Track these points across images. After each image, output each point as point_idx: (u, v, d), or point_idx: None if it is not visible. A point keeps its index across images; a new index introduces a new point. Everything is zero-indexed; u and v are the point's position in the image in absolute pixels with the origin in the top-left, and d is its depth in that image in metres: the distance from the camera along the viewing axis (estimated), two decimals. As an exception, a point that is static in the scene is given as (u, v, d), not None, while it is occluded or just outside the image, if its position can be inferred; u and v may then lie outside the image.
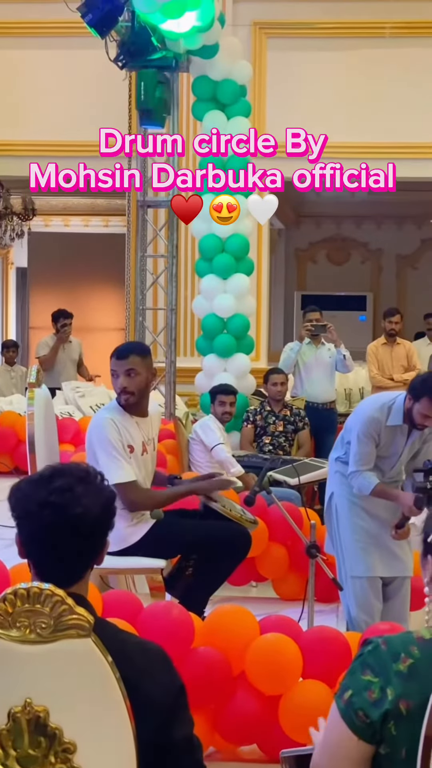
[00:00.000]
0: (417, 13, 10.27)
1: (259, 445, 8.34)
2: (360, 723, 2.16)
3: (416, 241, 17.04)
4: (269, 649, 3.96)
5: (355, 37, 10.45)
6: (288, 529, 5.67)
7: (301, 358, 9.15)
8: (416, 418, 4.95)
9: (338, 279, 17.08)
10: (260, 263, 10.68)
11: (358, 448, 5.08)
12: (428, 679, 2.11)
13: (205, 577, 5.25)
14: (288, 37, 10.55)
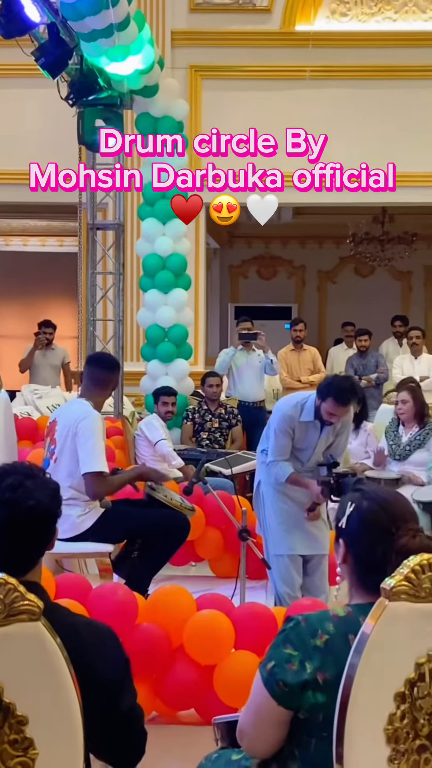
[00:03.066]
0: (334, 58, 10.32)
1: (198, 440, 8.33)
2: (280, 691, 2.17)
3: (335, 258, 17.12)
4: (205, 624, 3.95)
5: (280, 79, 10.47)
6: (222, 515, 5.68)
7: (235, 362, 9.17)
8: (324, 416, 4.98)
9: (267, 292, 17.12)
10: (197, 279, 10.66)
11: (276, 441, 5.10)
12: (342, 652, 2.11)
13: (148, 559, 5.24)
14: (221, 79, 10.53)
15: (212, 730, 2.68)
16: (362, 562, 2.28)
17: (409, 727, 2.11)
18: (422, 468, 7.01)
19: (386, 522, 2.25)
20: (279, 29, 10.43)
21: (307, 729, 2.19)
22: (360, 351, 10.98)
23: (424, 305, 17.29)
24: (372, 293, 16.69)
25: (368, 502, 2.30)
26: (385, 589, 2.08)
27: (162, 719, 4.10)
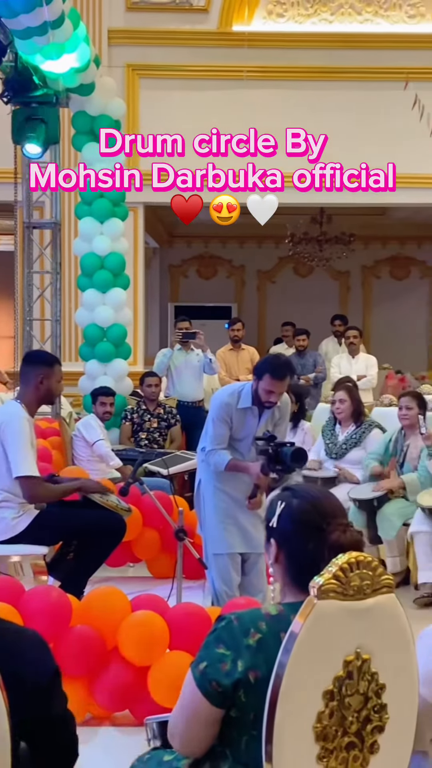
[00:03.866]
0: (271, 59, 10.36)
1: (136, 440, 8.30)
2: (212, 691, 2.16)
3: (274, 258, 17.19)
4: (139, 625, 3.92)
5: (218, 79, 10.48)
6: (159, 516, 5.66)
7: (173, 362, 9.15)
8: (263, 396, 4.96)
9: (207, 292, 17.13)
10: (136, 278, 10.62)
11: (213, 430, 5.07)
12: (274, 651, 2.11)
13: (84, 561, 5.20)
14: (158, 78, 10.51)
15: (145, 731, 2.67)
16: (294, 560, 2.29)
17: (337, 724, 2.12)
18: (358, 466, 7.07)
19: (317, 519, 2.27)
20: (216, 29, 10.44)
21: (238, 728, 2.19)
22: (298, 350, 11.04)
23: (361, 305, 17.44)
24: (311, 293, 16.80)
25: (298, 500, 2.32)
26: (314, 588, 2.09)
27: (96, 721, 4.07)
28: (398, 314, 17.21)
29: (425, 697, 2.45)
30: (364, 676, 2.14)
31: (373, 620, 2.15)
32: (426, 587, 6.19)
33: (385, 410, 7.79)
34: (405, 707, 2.24)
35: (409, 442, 6.87)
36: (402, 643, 2.22)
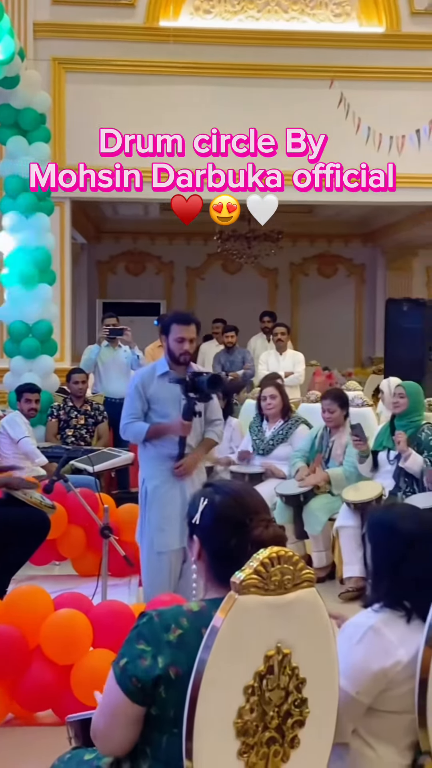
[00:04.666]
0: (197, 55, 10.34)
1: (63, 437, 8.23)
2: (133, 688, 2.15)
3: (203, 255, 17.20)
4: (62, 623, 3.88)
5: (145, 74, 10.42)
6: (85, 513, 5.60)
7: (101, 358, 9.08)
8: (176, 351, 4.91)
9: (135, 288, 17.07)
10: (63, 274, 10.51)
11: (128, 403, 5.02)
12: (195, 647, 2.09)
13: (7, 559, 5.13)
14: (85, 72, 10.41)
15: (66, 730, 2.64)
16: (217, 556, 2.28)
17: (258, 719, 2.11)
18: (285, 462, 7.09)
19: (240, 514, 2.27)
20: (143, 24, 10.38)
21: (158, 726, 2.17)
22: (227, 347, 11.05)
23: (289, 302, 17.55)
24: (239, 290, 16.84)
25: (221, 496, 2.32)
26: (235, 583, 2.08)
27: (19, 721, 4.02)
28: (326, 311, 17.36)
29: (346, 690, 2.46)
30: (285, 670, 2.14)
31: (294, 615, 2.15)
32: (351, 581, 6.24)
33: (311, 406, 7.83)
34: (325, 701, 2.24)
35: (334, 438, 6.91)
36: (323, 636, 2.23)
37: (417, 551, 2.62)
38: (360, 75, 10.36)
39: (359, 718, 2.57)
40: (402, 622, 2.58)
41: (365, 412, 7.52)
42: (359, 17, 10.75)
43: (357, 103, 9.44)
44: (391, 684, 2.55)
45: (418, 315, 11.58)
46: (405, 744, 2.61)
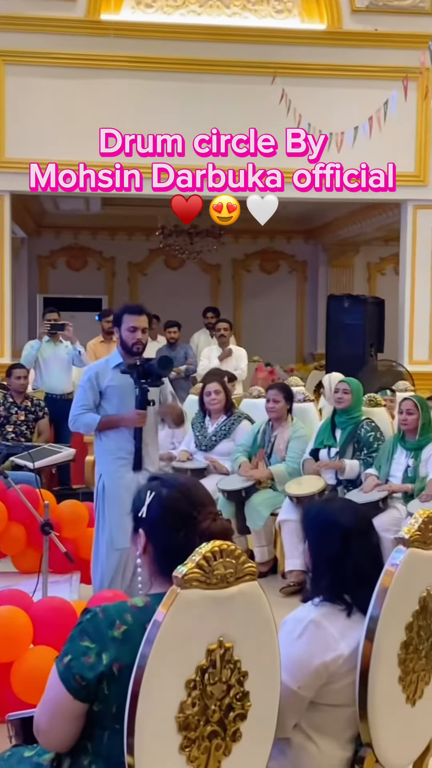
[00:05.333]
0: (138, 49, 10.29)
1: (3, 433, 8.15)
2: (76, 685, 2.14)
3: (145, 250, 17.15)
4: (1, 620, 3.84)
5: (86, 68, 10.34)
6: (25, 510, 5.53)
7: (41, 354, 9.01)
8: (128, 340, 4.97)
9: (77, 283, 16.95)
10: (2, 268, 10.42)
11: (80, 395, 5.05)
12: (139, 642, 2.09)
13: None
14: (25, 65, 10.29)
15: (6, 728, 2.62)
16: (163, 549, 2.28)
17: (200, 714, 2.11)
18: (227, 457, 7.11)
19: (187, 507, 2.28)
20: (84, 17, 10.30)
21: (100, 721, 2.17)
22: (169, 343, 11.04)
23: (232, 298, 17.57)
24: (182, 286, 16.82)
25: (168, 489, 2.32)
26: (177, 577, 2.08)
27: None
28: (268, 307, 17.41)
29: (287, 685, 2.47)
30: (227, 664, 2.14)
31: (236, 608, 2.16)
32: (292, 575, 6.27)
33: (254, 402, 7.85)
34: (267, 694, 2.25)
35: (276, 433, 6.95)
36: (265, 630, 2.24)
37: (355, 545, 2.64)
38: (301, 71, 10.41)
39: (301, 712, 2.58)
40: (342, 616, 2.60)
41: (307, 408, 7.57)
42: (301, 14, 10.79)
43: (298, 99, 9.47)
44: (332, 677, 2.56)
45: (359, 311, 11.66)
46: (346, 737, 2.63)
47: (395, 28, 10.65)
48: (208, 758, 2.13)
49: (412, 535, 2.56)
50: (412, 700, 2.63)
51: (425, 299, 11.06)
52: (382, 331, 12.05)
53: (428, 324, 11.07)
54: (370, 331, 11.63)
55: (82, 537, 5.77)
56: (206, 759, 2.13)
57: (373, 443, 6.54)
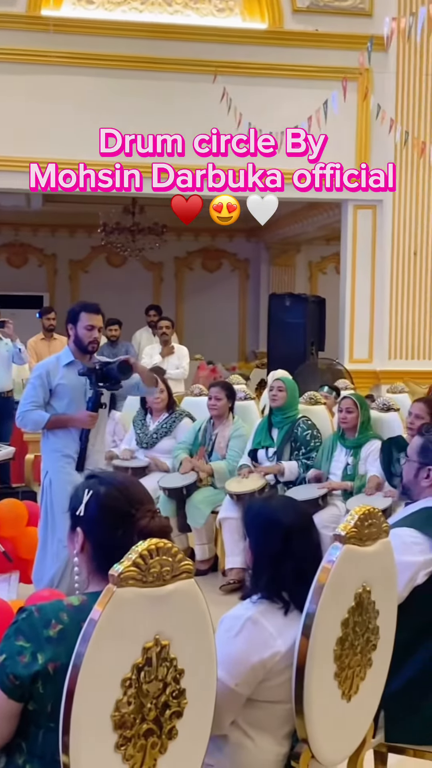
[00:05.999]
0: (79, 45, 10.22)
1: None
2: (10, 684, 2.12)
3: (86, 247, 17.07)
4: None
5: (26, 63, 10.23)
6: (-37, 509, 5.50)
7: (-19, 351, 8.92)
8: (84, 339, 4.96)
9: (17, 280, 16.80)
10: None
11: (29, 392, 5.01)
12: (75, 641, 2.08)
13: None
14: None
15: None
16: (101, 548, 2.27)
17: (135, 712, 2.11)
18: (169, 455, 7.11)
19: (125, 505, 2.28)
20: (24, 12, 10.21)
21: (35, 720, 2.15)
22: (110, 341, 10.99)
23: (174, 296, 17.57)
24: (124, 283, 16.77)
25: (105, 487, 2.31)
26: (113, 576, 2.07)
27: None
28: (210, 306, 17.45)
29: (224, 682, 2.48)
30: (163, 662, 2.14)
31: (173, 606, 2.16)
32: (233, 573, 6.29)
33: (195, 400, 7.86)
34: (203, 692, 2.26)
35: (217, 431, 6.96)
36: (201, 627, 2.24)
37: (296, 543, 2.65)
38: (242, 71, 10.43)
39: (238, 709, 2.59)
40: (280, 614, 2.62)
41: (249, 406, 7.60)
42: (242, 13, 10.81)
43: (239, 98, 9.49)
44: (269, 675, 2.58)
45: (300, 310, 11.75)
46: (283, 733, 2.64)
47: (336, 28, 10.73)
48: (144, 756, 2.13)
49: (349, 532, 2.58)
50: (348, 696, 2.65)
51: (365, 298, 11.16)
52: (322, 329, 12.15)
53: (368, 323, 11.17)
54: (311, 329, 11.72)
55: (21, 536, 5.72)
56: (142, 757, 2.12)
57: (310, 441, 6.58)
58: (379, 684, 2.81)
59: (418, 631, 3.05)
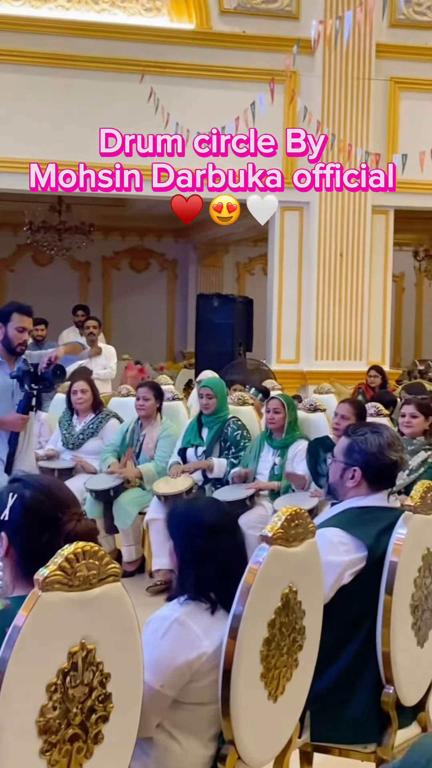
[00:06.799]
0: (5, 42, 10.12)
1: None
2: None
3: (12, 246, 16.89)
4: None
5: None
6: None
7: None
8: (14, 340, 4.92)
9: None
10: None
11: None
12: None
13: None
14: None
15: None
16: (27, 552, 2.25)
17: (61, 717, 2.09)
18: (95, 456, 7.06)
19: (51, 509, 2.26)
20: None
21: None
22: (36, 340, 10.88)
23: (101, 296, 17.49)
24: (51, 282, 16.64)
25: (30, 491, 2.29)
26: (38, 580, 2.05)
27: None
28: (138, 306, 17.40)
29: (150, 684, 2.47)
30: (89, 666, 2.13)
31: (99, 610, 2.14)
32: (160, 574, 6.28)
33: (122, 400, 7.83)
34: (130, 695, 2.25)
35: (145, 432, 6.94)
36: (128, 631, 2.23)
37: (220, 543, 2.66)
38: (170, 71, 10.42)
39: (164, 711, 2.59)
40: (207, 614, 2.62)
41: (177, 406, 7.60)
42: (170, 13, 10.81)
43: (167, 98, 9.49)
44: (195, 676, 2.58)
45: (228, 310, 11.79)
46: (209, 735, 2.64)
47: (263, 31, 10.79)
48: (69, 761, 2.11)
49: (275, 533, 2.59)
50: (274, 696, 2.66)
51: (293, 299, 11.25)
52: (250, 330, 12.21)
53: (295, 324, 11.26)
54: (239, 330, 11.77)
55: None
56: (67, 762, 2.11)
57: (239, 441, 6.60)
58: (305, 684, 2.82)
59: (343, 631, 3.08)
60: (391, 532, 3.05)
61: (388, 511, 3.19)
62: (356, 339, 11.28)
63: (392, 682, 3.05)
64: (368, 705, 3.07)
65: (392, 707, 3.07)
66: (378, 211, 11.17)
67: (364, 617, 3.07)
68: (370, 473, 3.21)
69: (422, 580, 3.14)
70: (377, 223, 11.26)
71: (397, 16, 11.33)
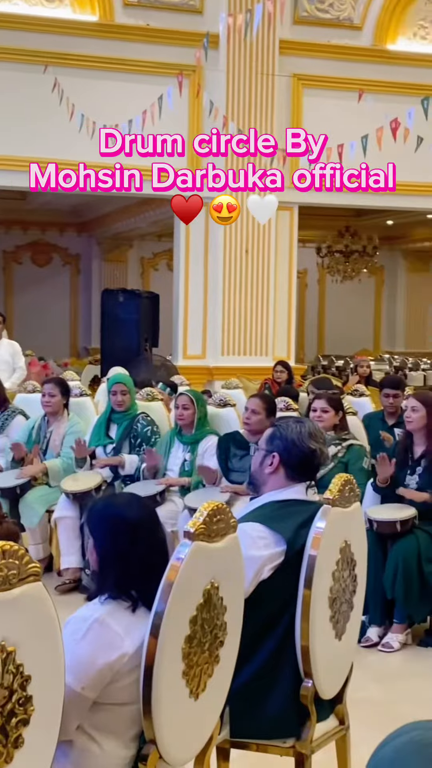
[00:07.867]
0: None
1: None
2: None
3: None
4: None
5: None
6: None
7: None
8: None
9: None
10: None
11: None
12: None
13: None
14: None
15: None
16: None
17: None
18: (2, 454, 6.94)
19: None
20: None
21: None
22: None
23: (3, 290, 17.23)
24: None
25: None
26: (-43, 582, 1.99)
27: None
28: (41, 301, 17.20)
29: (71, 685, 2.42)
30: (9, 668, 2.07)
31: (20, 611, 2.10)
32: (68, 573, 6.20)
33: (28, 396, 7.70)
34: (51, 697, 2.20)
35: (52, 428, 6.85)
36: (49, 632, 2.19)
37: (142, 539, 2.62)
38: (74, 62, 10.30)
39: (84, 713, 2.54)
40: (128, 613, 2.57)
41: (84, 402, 7.51)
42: (72, 4, 10.68)
43: (72, 90, 9.37)
44: (116, 676, 2.53)
45: (134, 305, 11.74)
46: (130, 735, 2.60)
47: (167, 24, 10.74)
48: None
49: (197, 529, 2.56)
50: (196, 694, 2.64)
51: (198, 295, 11.24)
52: (156, 325, 12.18)
53: (202, 319, 11.25)
54: (145, 325, 11.73)
55: None
56: (-13, 768, 2.05)
57: (150, 437, 6.57)
58: (226, 681, 2.80)
59: (262, 627, 3.07)
60: (310, 526, 3.05)
61: (306, 505, 3.19)
62: (262, 334, 11.33)
63: (311, 675, 3.06)
64: (287, 699, 3.07)
65: (311, 701, 3.07)
66: (283, 208, 11.25)
67: (282, 612, 3.06)
68: (289, 460, 3.20)
69: (340, 573, 3.15)
70: (282, 220, 11.31)
71: (301, 13, 11.42)
